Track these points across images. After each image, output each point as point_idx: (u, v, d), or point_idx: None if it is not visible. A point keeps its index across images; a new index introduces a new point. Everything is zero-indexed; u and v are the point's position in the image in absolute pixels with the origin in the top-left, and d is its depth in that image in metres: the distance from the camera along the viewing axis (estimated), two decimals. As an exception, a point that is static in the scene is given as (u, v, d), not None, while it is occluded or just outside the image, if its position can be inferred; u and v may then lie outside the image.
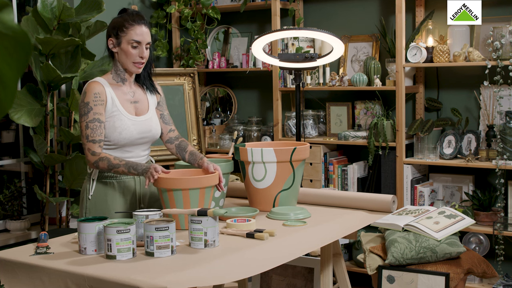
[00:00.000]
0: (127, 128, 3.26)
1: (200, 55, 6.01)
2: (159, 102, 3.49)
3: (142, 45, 3.27)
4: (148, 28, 3.30)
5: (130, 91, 3.36)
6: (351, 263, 5.35)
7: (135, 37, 3.25)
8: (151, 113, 3.39)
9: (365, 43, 5.49)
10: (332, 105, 5.56)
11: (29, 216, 5.38)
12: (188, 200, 3.02)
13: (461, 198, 5.03)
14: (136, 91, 3.39)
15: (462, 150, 4.92)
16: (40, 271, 2.61)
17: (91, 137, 3.19)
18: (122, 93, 3.32)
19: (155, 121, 3.40)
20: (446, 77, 5.20)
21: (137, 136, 3.29)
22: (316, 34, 4.35)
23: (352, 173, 5.32)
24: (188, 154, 3.42)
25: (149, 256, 2.65)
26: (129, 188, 3.35)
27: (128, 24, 3.25)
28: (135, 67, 3.29)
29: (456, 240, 4.15)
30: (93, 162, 3.20)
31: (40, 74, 4.78)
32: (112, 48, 3.31)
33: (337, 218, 3.40)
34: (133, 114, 3.33)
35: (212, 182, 3.11)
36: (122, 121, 3.26)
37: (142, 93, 3.41)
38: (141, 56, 3.27)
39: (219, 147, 5.97)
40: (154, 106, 3.44)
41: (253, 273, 2.59)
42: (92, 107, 3.20)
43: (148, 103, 3.41)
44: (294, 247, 2.87)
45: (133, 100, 3.35)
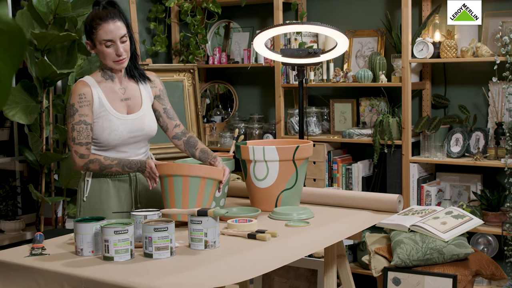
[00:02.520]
0: (116, 128, 3.23)
1: (200, 50, 6.01)
2: (160, 95, 3.43)
3: (116, 41, 3.19)
4: (118, 21, 3.20)
5: (120, 88, 3.32)
6: (356, 265, 5.35)
7: (105, 36, 3.18)
8: (144, 109, 3.34)
9: (370, 38, 5.48)
10: (336, 102, 5.56)
11: (24, 216, 5.38)
12: (188, 189, 3.02)
13: (469, 198, 5.02)
14: (128, 86, 3.34)
15: (470, 148, 4.92)
16: (36, 273, 2.61)
17: (77, 140, 3.17)
18: (112, 91, 3.28)
19: (149, 117, 3.34)
20: (453, 73, 5.20)
21: (127, 136, 3.26)
22: (320, 28, 4.35)
23: (357, 172, 5.32)
24: (199, 151, 3.39)
25: (148, 257, 2.65)
26: (124, 187, 3.34)
27: (96, 24, 3.18)
28: (117, 64, 3.23)
29: (464, 241, 4.15)
30: (83, 165, 3.19)
31: (36, 70, 4.78)
32: (90, 51, 3.27)
33: (341, 218, 3.40)
34: (124, 112, 3.28)
35: (215, 175, 3.10)
36: (111, 121, 3.23)
37: (134, 88, 3.35)
38: (117, 54, 3.20)
39: (219, 145, 5.97)
40: (149, 99, 3.39)
41: (254, 275, 2.59)
42: (78, 108, 3.17)
43: (142, 98, 3.36)
44: (297, 248, 2.87)
45: (124, 97, 3.31)
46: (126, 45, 3.23)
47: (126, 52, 3.23)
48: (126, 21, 3.27)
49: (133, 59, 3.35)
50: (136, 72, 3.38)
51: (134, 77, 3.37)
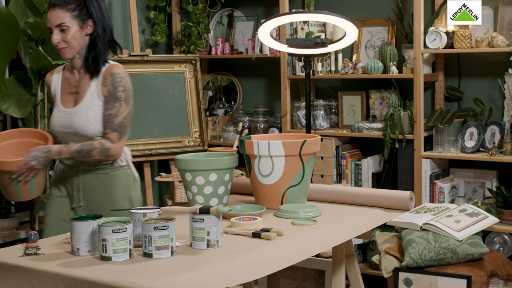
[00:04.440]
0: (52, 120, 3.43)
1: (202, 40, 6.00)
2: (106, 96, 3.39)
3: (53, 30, 3.34)
4: (59, 9, 3.33)
5: (75, 81, 3.45)
6: (365, 265, 5.36)
7: (48, 24, 3.37)
8: (81, 106, 3.39)
9: (380, 27, 5.48)
10: (345, 95, 5.56)
11: (18, 214, 5.39)
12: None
13: (484, 195, 5.02)
14: (82, 80, 3.44)
15: (485, 143, 4.91)
16: (30, 273, 2.61)
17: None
18: (68, 83, 3.45)
19: (83, 116, 3.37)
20: (467, 64, 5.19)
21: (60, 130, 3.42)
22: (328, 17, 4.35)
23: (366, 167, 5.31)
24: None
25: (147, 257, 2.64)
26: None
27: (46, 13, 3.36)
28: (61, 53, 3.38)
29: (479, 240, 4.15)
30: None
31: (30, 61, 4.78)
32: None
33: (350, 216, 3.40)
34: (71, 106, 3.42)
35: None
36: (54, 113, 3.43)
37: (86, 82, 3.42)
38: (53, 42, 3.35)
39: (222, 139, 5.97)
40: (96, 97, 3.39)
41: (259, 276, 2.59)
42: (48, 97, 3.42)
43: (85, 95, 3.40)
44: (304, 248, 2.86)
45: (74, 90, 3.43)
46: (65, 34, 3.35)
47: (64, 42, 3.35)
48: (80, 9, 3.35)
49: (91, 51, 3.39)
50: (92, 65, 3.41)
51: (89, 70, 3.41)
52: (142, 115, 5.52)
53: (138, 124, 5.43)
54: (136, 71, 5.59)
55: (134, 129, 5.45)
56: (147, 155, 5.58)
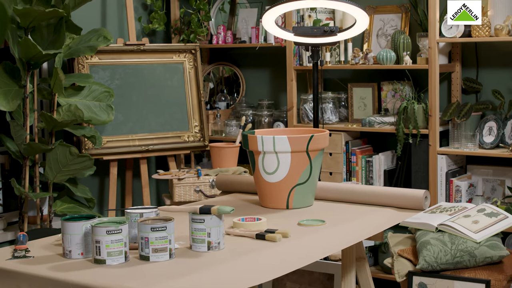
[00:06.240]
0: None
1: (203, 28, 6.00)
2: None
3: None
4: None
5: None
6: (377, 269, 5.36)
7: None
8: None
9: (393, 14, 5.47)
10: (355, 87, 5.55)
11: (6, 214, 5.40)
12: None
13: (504, 194, 5.02)
14: None
15: (505, 138, 4.91)
16: (18, 277, 2.61)
17: None
18: None
19: None
20: (486, 54, 5.18)
21: None
22: (337, 4, 4.34)
23: (378, 164, 5.31)
24: None
25: (144, 260, 2.64)
26: None
27: None
28: None
29: (498, 242, 4.14)
30: None
31: (18, 51, 4.77)
32: None
33: (361, 216, 3.40)
34: None
35: None
36: None
37: None
38: None
39: (224, 134, 5.96)
40: None
41: (263, 280, 2.59)
42: None
43: None
44: (311, 250, 2.86)
45: None
46: None
47: None
48: None
49: None
50: None
51: None
52: (138, 109, 5.52)
53: (134, 118, 5.43)
54: (132, 61, 5.58)
55: (130, 123, 5.45)
56: (143, 151, 5.58)
